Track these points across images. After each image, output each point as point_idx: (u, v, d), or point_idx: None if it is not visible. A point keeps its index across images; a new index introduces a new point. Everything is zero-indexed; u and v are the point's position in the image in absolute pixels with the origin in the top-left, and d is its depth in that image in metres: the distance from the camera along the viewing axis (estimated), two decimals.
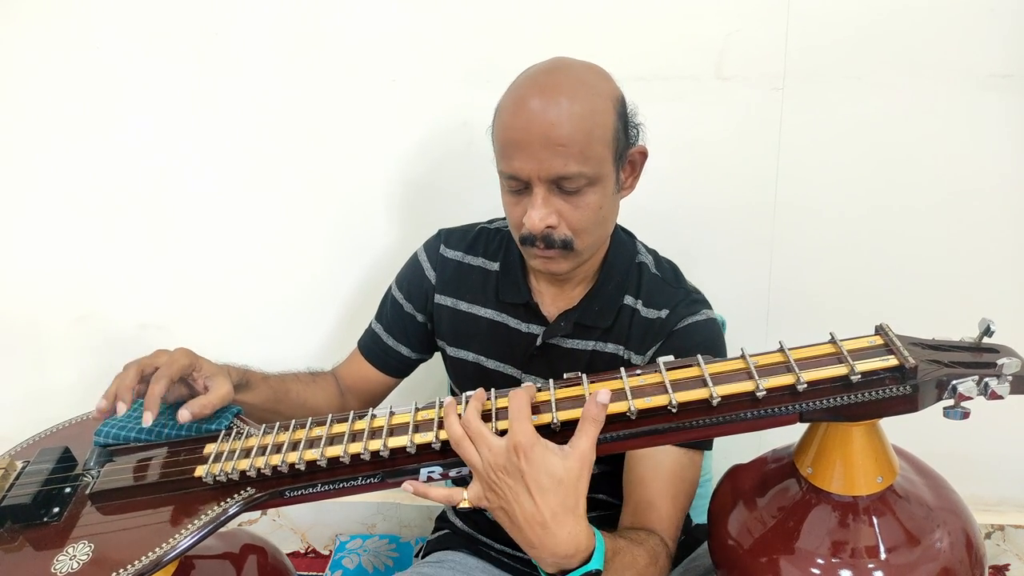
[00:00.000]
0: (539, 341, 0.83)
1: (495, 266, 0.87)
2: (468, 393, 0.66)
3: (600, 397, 0.57)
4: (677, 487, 0.75)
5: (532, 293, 0.84)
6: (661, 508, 0.73)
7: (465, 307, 0.88)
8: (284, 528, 1.43)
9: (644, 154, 0.79)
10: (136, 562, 0.59)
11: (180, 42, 1.07)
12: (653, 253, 0.88)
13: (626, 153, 0.76)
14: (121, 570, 0.59)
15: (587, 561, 0.58)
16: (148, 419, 0.69)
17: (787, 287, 1.14)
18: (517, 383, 0.80)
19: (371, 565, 1.29)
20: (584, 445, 0.57)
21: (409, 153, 1.12)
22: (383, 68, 1.07)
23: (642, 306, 0.82)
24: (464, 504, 0.60)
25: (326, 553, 1.43)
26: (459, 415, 0.60)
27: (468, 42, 1.04)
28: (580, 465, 0.57)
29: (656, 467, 0.75)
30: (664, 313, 0.81)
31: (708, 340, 0.80)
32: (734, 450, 0.90)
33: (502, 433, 0.61)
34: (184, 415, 0.71)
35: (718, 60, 1.01)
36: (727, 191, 1.09)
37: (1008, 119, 1.01)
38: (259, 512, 1.42)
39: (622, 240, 0.85)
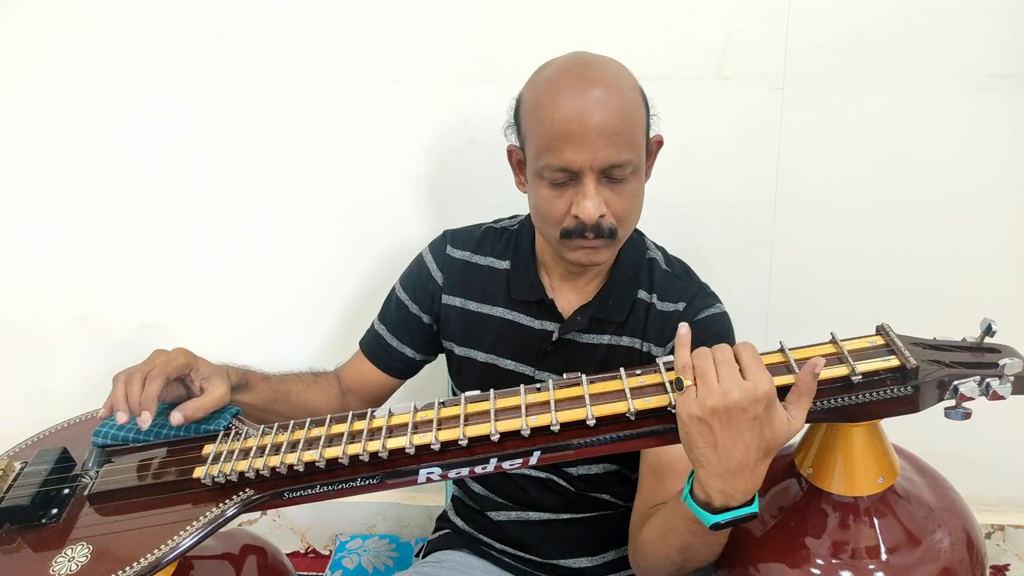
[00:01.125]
0: (555, 336, 0.83)
1: (504, 265, 0.87)
2: (468, 393, 0.66)
3: (816, 367, 0.57)
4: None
5: (546, 290, 0.85)
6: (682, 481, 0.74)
7: (475, 307, 0.88)
8: (284, 528, 1.43)
9: (660, 142, 0.80)
10: (135, 563, 0.59)
11: (180, 42, 1.07)
12: (662, 249, 0.88)
13: (649, 141, 0.78)
14: (120, 572, 0.59)
15: (749, 503, 0.59)
16: (147, 419, 0.69)
17: (787, 286, 1.14)
18: (530, 381, 0.80)
19: (371, 565, 1.29)
20: (801, 419, 0.57)
21: (410, 153, 1.12)
22: (383, 68, 1.07)
23: (657, 300, 0.82)
24: (687, 382, 0.58)
25: (326, 553, 1.42)
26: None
27: (468, 42, 1.04)
28: (794, 433, 0.57)
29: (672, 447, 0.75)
30: (681, 306, 0.81)
31: (724, 332, 0.81)
32: None
33: (504, 435, 0.61)
34: (176, 417, 0.70)
35: (718, 60, 1.01)
36: (727, 191, 1.09)
37: (1008, 119, 1.00)
38: (259, 512, 1.42)
39: (632, 236, 0.85)
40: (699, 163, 1.07)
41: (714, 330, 0.80)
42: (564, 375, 0.65)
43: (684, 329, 0.60)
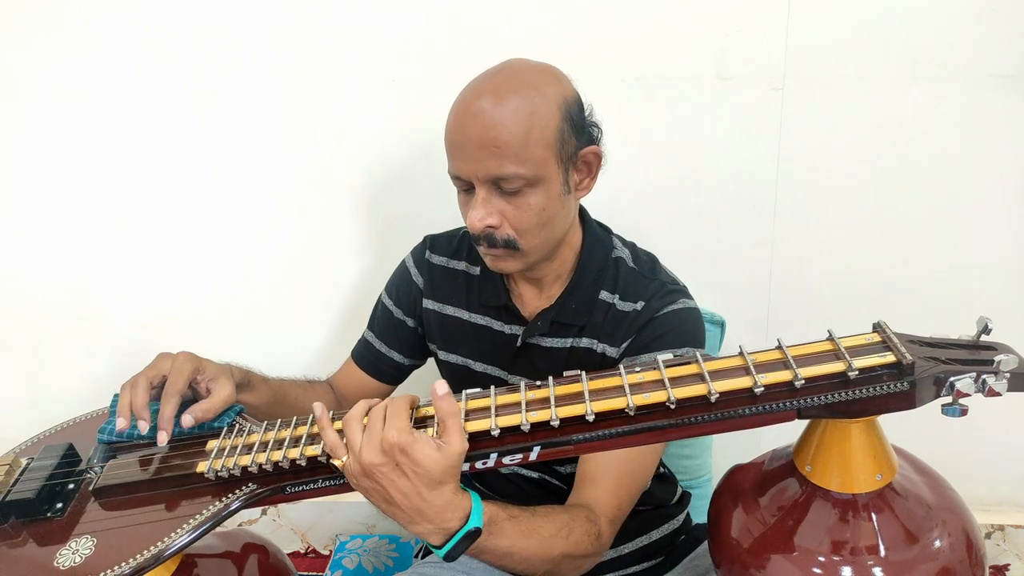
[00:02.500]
0: (520, 341, 0.83)
1: (477, 270, 0.88)
2: (468, 391, 0.67)
3: (438, 390, 0.60)
4: (623, 468, 0.75)
5: (510, 295, 0.85)
6: (602, 485, 0.74)
7: (451, 311, 0.89)
8: (284, 528, 1.43)
9: (598, 155, 0.78)
10: (138, 556, 0.60)
11: (180, 43, 1.08)
12: (631, 246, 0.87)
13: (577, 155, 0.75)
14: (123, 564, 0.59)
15: (465, 522, 0.60)
16: (163, 439, 0.70)
17: (787, 287, 1.14)
18: (504, 384, 0.81)
19: (371, 565, 1.29)
20: (456, 441, 0.59)
21: (409, 153, 1.13)
22: (383, 68, 1.07)
23: (618, 300, 0.82)
24: (337, 463, 0.61)
25: (326, 553, 1.43)
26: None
27: (468, 42, 1.04)
28: (458, 456, 0.59)
29: (604, 454, 0.76)
30: (639, 305, 0.81)
31: (684, 327, 0.80)
32: (734, 450, 0.90)
33: (504, 431, 0.61)
34: (188, 420, 0.71)
35: (718, 60, 1.01)
36: (727, 191, 1.09)
37: (1009, 119, 1.01)
38: (259, 512, 1.42)
39: (597, 236, 0.85)
40: (699, 163, 1.08)
41: (671, 326, 0.79)
42: (564, 373, 0.65)
43: (318, 410, 0.61)
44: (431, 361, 0.97)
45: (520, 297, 0.85)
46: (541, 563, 0.68)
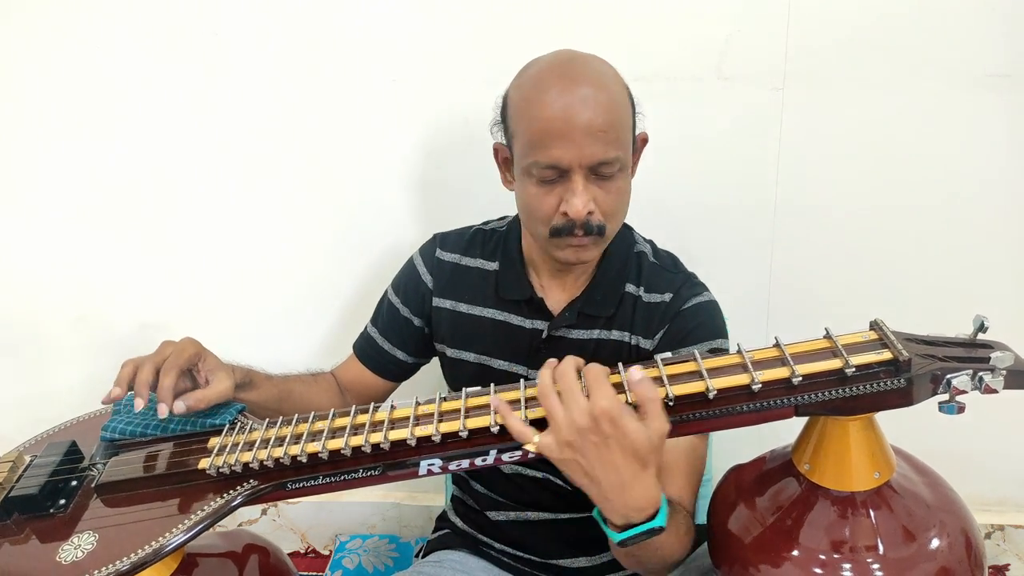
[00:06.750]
0: (545, 334, 0.84)
1: (493, 266, 0.88)
2: (468, 390, 0.67)
3: (633, 375, 0.58)
4: (692, 464, 0.76)
5: (535, 288, 0.85)
6: (680, 482, 0.74)
7: (465, 308, 0.89)
8: (284, 528, 1.44)
9: (645, 140, 0.81)
10: (139, 551, 0.60)
11: (180, 42, 1.08)
12: (650, 243, 0.89)
13: (636, 138, 0.79)
14: (124, 559, 0.60)
15: (652, 517, 0.59)
16: (164, 411, 0.70)
17: (787, 286, 1.15)
18: (524, 380, 0.81)
19: (371, 565, 1.29)
20: (657, 423, 0.57)
21: (410, 153, 1.13)
22: (383, 68, 1.08)
23: (644, 292, 0.83)
24: (530, 447, 0.59)
25: (326, 553, 1.43)
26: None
27: (468, 42, 1.05)
28: (660, 437, 0.57)
29: (673, 443, 0.75)
30: (668, 296, 0.82)
31: (712, 319, 0.82)
32: (734, 450, 0.90)
33: (503, 428, 0.61)
34: (179, 406, 0.71)
35: (719, 60, 1.02)
36: (728, 191, 1.10)
37: (1007, 119, 1.01)
38: (259, 512, 1.42)
39: (620, 231, 0.86)
40: (699, 163, 1.08)
41: (701, 318, 0.81)
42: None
43: (495, 402, 0.59)
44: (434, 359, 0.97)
45: (544, 290, 0.85)
46: (668, 566, 0.67)
